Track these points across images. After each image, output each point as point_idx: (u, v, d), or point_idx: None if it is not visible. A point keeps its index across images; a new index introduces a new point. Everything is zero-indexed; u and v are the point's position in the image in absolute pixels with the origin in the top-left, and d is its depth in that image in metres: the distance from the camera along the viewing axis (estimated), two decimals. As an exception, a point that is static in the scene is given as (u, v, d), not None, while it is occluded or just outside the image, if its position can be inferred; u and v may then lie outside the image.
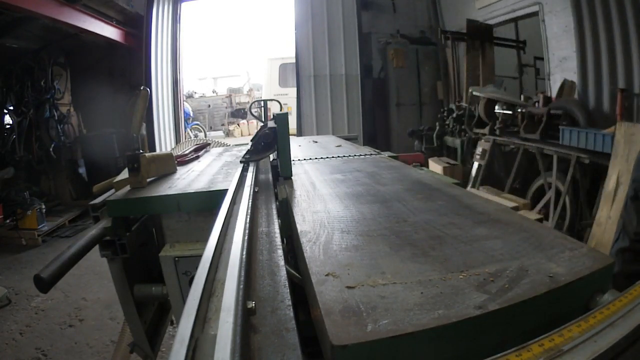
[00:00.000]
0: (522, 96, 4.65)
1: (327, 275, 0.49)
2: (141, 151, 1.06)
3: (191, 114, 12.81)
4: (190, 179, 1.12)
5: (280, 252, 0.56)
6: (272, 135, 1.09)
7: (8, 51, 4.60)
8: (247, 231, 0.56)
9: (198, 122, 12.96)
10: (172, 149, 5.20)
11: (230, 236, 0.53)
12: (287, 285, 0.47)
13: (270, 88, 9.84)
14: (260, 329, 0.38)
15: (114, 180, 1.09)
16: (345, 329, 0.38)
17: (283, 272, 0.50)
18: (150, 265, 1.07)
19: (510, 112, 3.91)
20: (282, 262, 0.52)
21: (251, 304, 0.39)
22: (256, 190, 0.88)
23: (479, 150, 4.08)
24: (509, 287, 0.45)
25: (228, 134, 13.41)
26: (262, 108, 1.99)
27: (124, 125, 4.92)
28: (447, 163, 4.33)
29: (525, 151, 3.59)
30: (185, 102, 8.48)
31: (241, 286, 0.39)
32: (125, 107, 4.88)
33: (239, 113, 14.44)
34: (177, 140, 6.38)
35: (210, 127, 14.00)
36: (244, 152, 1.16)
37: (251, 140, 1.17)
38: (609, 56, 3.46)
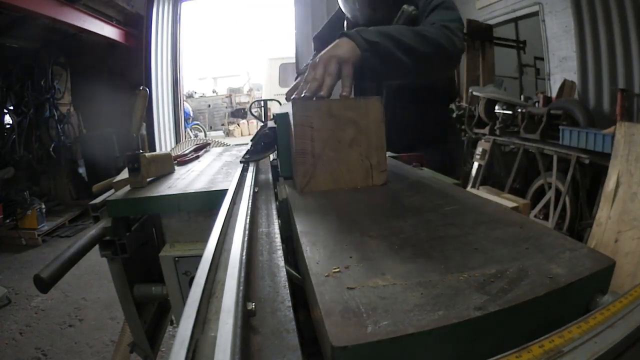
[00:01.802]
0: (522, 96, 4.65)
1: (327, 276, 0.49)
2: (141, 151, 1.06)
3: (191, 114, 12.82)
4: (190, 178, 1.12)
5: (280, 252, 0.56)
6: (272, 135, 1.09)
7: (8, 51, 4.60)
8: (247, 231, 0.56)
9: (198, 122, 12.98)
10: (172, 148, 5.21)
11: (230, 236, 0.53)
12: (287, 286, 0.47)
13: (270, 88, 9.85)
14: (260, 330, 0.38)
15: (114, 180, 1.08)
16: (345, 330, 0.38)
17: (283, 273, 0.50)
18: (150, 265, 1.07)
19: (510, 112, 3.91)
20: (282, 263, 0.52)
21: (251, 305, 0.39)
22: (256, 190, 0.88)
23: (479, 150, 4.08)
24: (509, 288, 0.45)
25: (228, 133, 13.42)
26: (262, 108, 1.99)
27: (124, 125, 4.92)
28: (447, 163, 4.32)
29: (525, 151, 3.60)
30: (185, 102, 8.49)
31: (241, 287, 0.39)
32: (125, 107, 4.88)
33: (239, 113, 14.46)
34: (177, 140, 6.38)
35: (210, 127, 14.02)
36: (244, 152, 1.16)
37: (251, 140, 1.16)
38: (609, 56, 3.47)
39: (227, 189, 0.79)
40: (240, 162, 1.11)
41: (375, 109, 0.89)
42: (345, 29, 1.52)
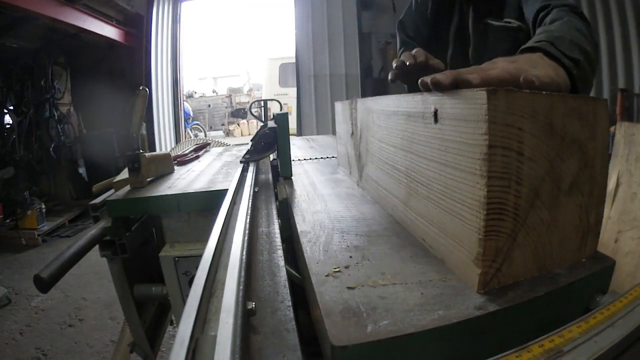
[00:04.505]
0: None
1: (327, 275, 0.49)
2: (141, 151, 1.06)
3: (191, 114, 12.82)
4: (190, 178, 1.12)
5: (280, 252, 0.56)
6: (272, 135, 1.09)
7: (8, 51, 4.60)
8: (247, 231, 0.56)
9: (198, 122, 12.98)
10: (172, 148, 5.20)
11: (230, 236, 0.53)
12: (287, 285, 0.47)
13: (270, 88, 9.85)
14: (260, 329, 0.38)
15: (114, 180, 1.08)
16: (346, 329, 0.38)
17: (283, 273, 0.50)
18: (150, 265, 1.07)
19: (510, 112, 3.90)
20: (282, 263, 0.52)
21: (251, 305, 0.39)
22: (256, 190, 0.88)
23: (479, 150, 4.07)
24: (509, 287, 0.45)
25: (228, 133, 13.42)
26: (262, 108, 1.99)
27: (124, 125, 4.92)
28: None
29: (525, 151, 3.59)
30: (185, 102, 8.48)
31: (241, 287, 0.39)
32: (125, 107, 4.89)
33: (239, 113, 14.47)
34: (177, 140, 6.38)
35: (210, 127, 14.03)
36: (244, 152, 1.16)
37: (251, 140, 1.17)
38: (609, 56, 3.46)
39: (227, 189, 0.79)
40: (240, 162, 1.11)
41: (602, 120, 0.49)
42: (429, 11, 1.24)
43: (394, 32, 1.78)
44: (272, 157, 1.30)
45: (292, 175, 1.10)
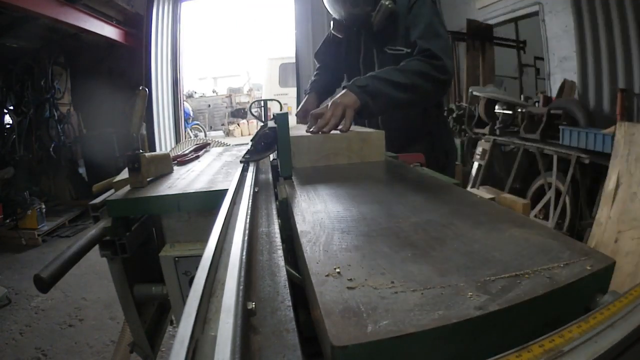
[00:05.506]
0: (522, 96, 4.65)
1: (327, 275, 0.49)
2: (141, 151, 1.06)
3: (191, 114, 12.83)
4: (190, 178, 1.12)
5: (280, 252, 0.56)
6: (272, 135, 1.09)
7: (8, 51, 4.61)
8: (247, 231, 0.56)
9: (198, 122, 12.99)
10: (172, 148, 5.21)
11: (230, 236, 0.53)
12: (287, 285, 0.47)
13: (270, 88, 9.86)
14: (260, 329, 0.38)
15: (114, 180, 1.08)
16: (346, 329, 0.38)
17: (283, 273, 0.50)
18: (150, 265, 1.07)
19: (510, 112, 3.91)
20: (282, 263, 0.52)
21: (251, 305, 0.39)
22: (256, 190, 0.88)
23: (479, 150, 4.08)
24: (509, 287, 0.45)
25: (228, 133, 13.44)
26: (262, 108, 1.99)
27: (124, 125, 4.92)
28: (447, 163, 4.31)
29: (525, 151, 3.60)
30: (185, 102, 8.49)
31: (241, 287, 0.39)
32: (125, 107, 4.89)
33: (239, 113, 14.48)
34: (177, 140, 6.39)
35: (210, 127, 14.04)
36: (244, 152, 1.16)
37: (251, 140, 1.16)
38: (609, 56, 3.47)
39: (227, 189, 0.79)
40: (240, 162, 1.11)
41: None
42: (331, 29, 1.74)
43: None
44: (272, 157, 1.30)
45: (292, 175, 1.10)
